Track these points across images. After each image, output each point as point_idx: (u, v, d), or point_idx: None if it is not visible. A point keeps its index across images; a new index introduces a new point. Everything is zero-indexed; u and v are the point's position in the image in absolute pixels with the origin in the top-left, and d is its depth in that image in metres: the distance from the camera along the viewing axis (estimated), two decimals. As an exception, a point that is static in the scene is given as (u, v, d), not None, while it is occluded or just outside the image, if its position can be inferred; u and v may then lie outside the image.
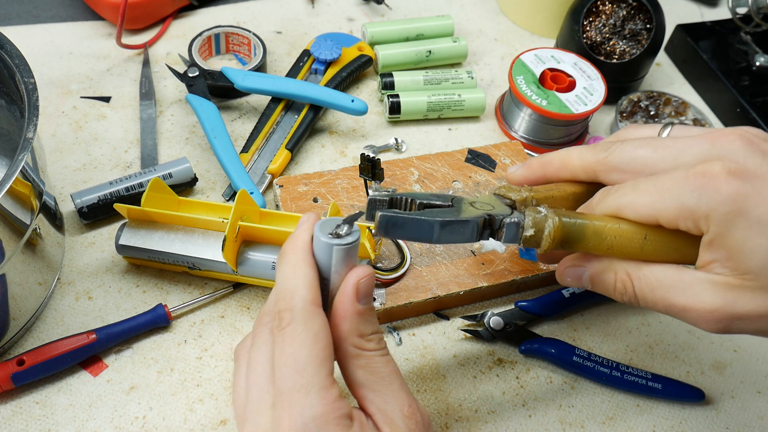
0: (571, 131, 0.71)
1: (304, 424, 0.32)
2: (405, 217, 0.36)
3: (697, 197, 0.35)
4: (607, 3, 0.74)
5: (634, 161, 0.40)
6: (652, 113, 0.74)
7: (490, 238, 0.39)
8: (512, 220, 0.38)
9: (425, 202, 0.39)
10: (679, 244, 0.38)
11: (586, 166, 0.42)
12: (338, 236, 0.36)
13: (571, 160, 0.43)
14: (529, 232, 0.38)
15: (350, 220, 0.36)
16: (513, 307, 0.57)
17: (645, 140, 0.40)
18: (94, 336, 0.51)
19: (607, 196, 0.40)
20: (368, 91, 0.75)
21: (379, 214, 0.36)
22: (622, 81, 0.75)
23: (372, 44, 0.76)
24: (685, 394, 0.54)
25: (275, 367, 0.34)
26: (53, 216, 0.54)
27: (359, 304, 0.37)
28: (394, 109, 0.70)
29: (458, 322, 0.57)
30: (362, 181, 0.60)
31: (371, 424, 0.35)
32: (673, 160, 0.38)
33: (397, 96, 0.70)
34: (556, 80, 0.70)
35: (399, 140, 0.70)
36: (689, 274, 0.37)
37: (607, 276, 0.40)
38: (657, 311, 0.39)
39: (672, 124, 0.43)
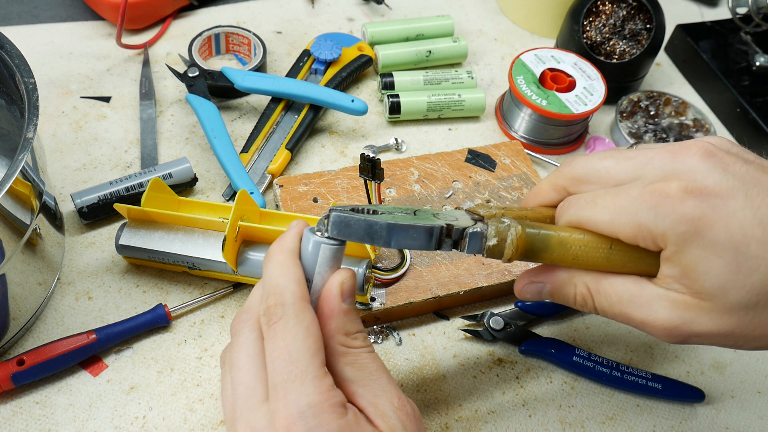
0: (571, 131, 0.71)
1: (300, 412, 0.33)
2: (356, 218, 0.37)
3: (654, 216, 0.35)
4: (607, 3, 0.74)
5: (598, 172, 0.40)
6: (652, 113, 0.74)
7: (454, 249, 0.39)
8: (474, 230, 0.38)
9: (387, 212, 0.39)
10: (644, 254, 0.38)
11: (555, 184, 0.42)
12: (326, 237, 0.38)
13: (542, 185, 0.43)
14: (492, 242, 0.38)
15: (329, 213, 0.37)
16: (513, 307, 0.57)
17: (609, 152, 0.40)
18: (94, 336, 0.51)
19: (568, 208, 0.40)
20: (368, 91, 0.75)
21: (332, 213, 0.37)
22: (622, 81, 0.75)
23: (372, 44, 0.76)
24: (685, 394, 0.54)
25: (267, 361, 0.35)
26: (53, 216, 0.54)
27: (344, 304, 0.38)
28: (394, 109, 0.70)
29: (458, 322, 0.57)
30: (362, 181, 0.60)
31: (363, 417, 0.36)
32: (634, 172, 0.38)
33: (397, 96, 0.70)
34: (556, 80, 0.70)
35: (399, 140, 0.70)
36: (648, 289, 0.37)
37: (567, 290, 0.41)
38: (617, 322, 0.40)
39: (637, 143, 0.43)
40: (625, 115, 0.74)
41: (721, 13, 0.90)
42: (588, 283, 0.39)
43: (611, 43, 0.74)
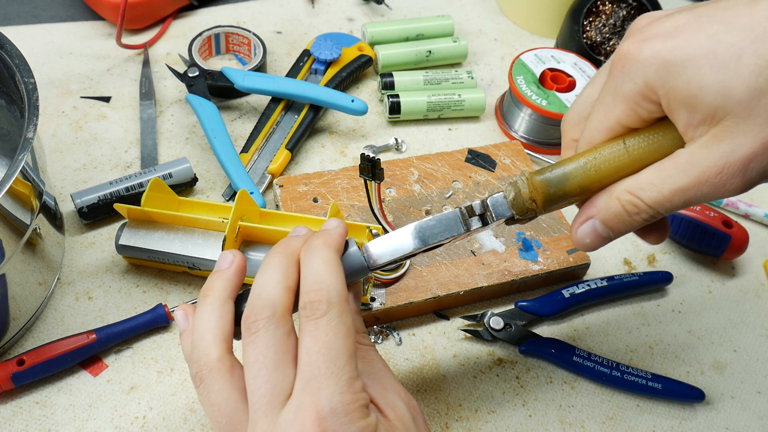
0: (571, 131, 0.70)
1: (332, 409, 0.33)
2: (384, 238, 0.39)
3: (629, 79, 0.35)
4: (607, 3, 0.74)
5: (585, 102, 0.41)
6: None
7: (484, 225, 0.39)
8: (495, 195, 0.39)
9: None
10: (661, 129, 0.36)
11: (568, 142, 0.42)
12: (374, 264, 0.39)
13: (563, 150, 0.44)
14: (511, 195, 0.39)
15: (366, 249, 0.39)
16: (513, 307, 0.57)
17: (589, 83, 0.42)
18: (94, 336, 0.51)
19: (580, 147, 0.40)
20: (368, 91, 0.75)
21: (368, 247, 0.39)
22: (622, 81, 0.75)
23: (372, 44, 0.76)
24: (685, 394, 0.54)
25: (303, 353, 0.34)
26: (53, 216, 0.54)
27: (354, 304, 0.40)
28: (394, 109, 0.70)
29: (458, 322, 0.57)
30: (362, 181, 0.60)
31: (382, 417, 0.36)
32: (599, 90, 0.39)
33: (397, 96, 0.70)
34: (556, 80, 0.70)
35: (399, 140, 0.70)
36: (682, 154, 0.35)
37: (613, 208, 0.38)
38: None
39: None
40: (625, 115, 0.74)
41: (721, 13, 0.90)
42: (627, 187, 0.37)
43: (611, 43, 0.74)
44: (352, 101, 0.67)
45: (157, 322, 0.53)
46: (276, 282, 0.36)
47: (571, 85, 0.69)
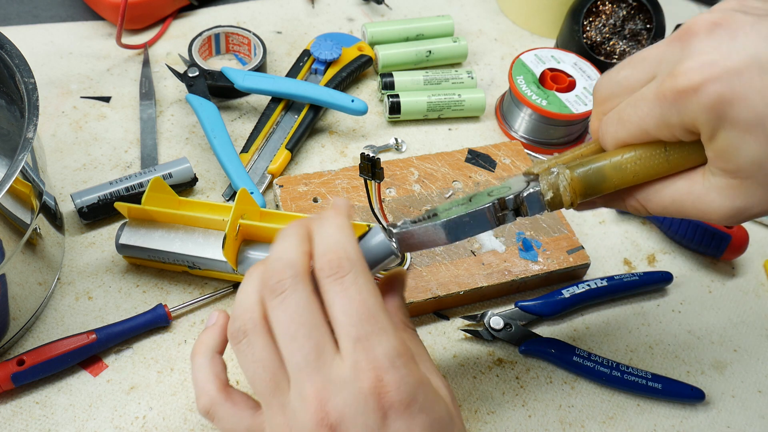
0: (572, 131, 0.70)
1: (391, 360, 0.33)
2: (413, 230, 0.38)
3: (677, 113, 0.34)
4: (607, 3, 0.74)
5: (619, 84, 0.38)
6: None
7: (518, 217, 0.39)
8: (529, 192, 0.38)
9: (444, 210, 0.40)
10: (698, 143, 0.37)
11: (596, 113, 0.41)
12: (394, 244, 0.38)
13: (591, 119, 0.42)
14: (548, 196, 0.38)
15: (391, 232, 0.39)
16: (513, 307, 0.57)
17: (627, 60, 0.39)
18: (94, 336, 0.51)
19: (604, 133, 0.39)
20: (368, 91, 0.75)
21: (395, 231, 0.39)
22: (622, 81, 0.75)
23: (372, 44, 0.76)
24: (685, 394, 0.54)
25: (338, 313, 0.33)
26: (53, 216, 0.54)
27: (401, 290, 0.42)
28: (394, 109, 0.70)
29: (458, 322, 0.57)
30: (362, 180, 0.60)
31: None
32: (651, 72, 0.37)
33: (397, 96, 0.70)
34: (556, 80, 0.70)
35: (399, 140, 0.70)
36: (697, 185, 0.37)
37: (618, 205, 0.41)
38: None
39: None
40: (625, 115, 0.74)
41: (721, 13, 0.90)
42: (638, 198, 0.39)
43: (611, 43, 0.74)
44: (352, 101, 0.67)
45: (157, 322, 0.53)
46: (294, 246, 0.36)
47: (571, 85, 0.69)
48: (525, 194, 0.39)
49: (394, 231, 0.39)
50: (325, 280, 0.34)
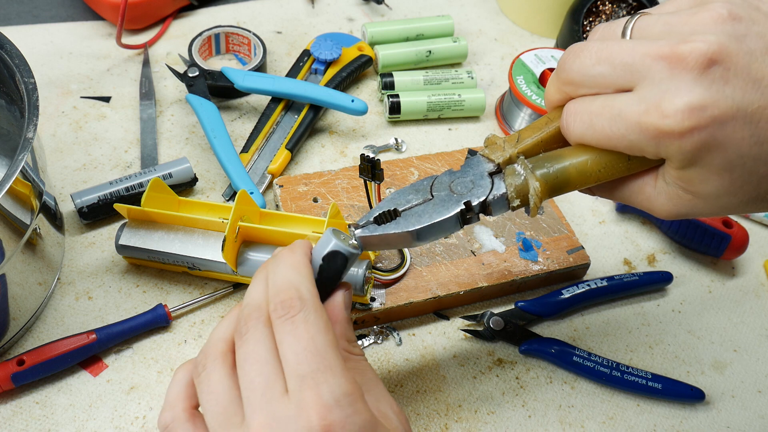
0: (571, 131, 0.70)
1: (336, 400, 0.33)
2: (380, 235, 0.40)
3: (655, 146, 0.35)
4: (607, 3, 0.74)
5: (594, 79, 0.37)
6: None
7: (482, 214, 0.40)
8: (494, 197, 0.39)
9: (403, 208, 0.41)
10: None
11: (558, 89, 0.40)
12: (350, 245, 0.39)
13: (549, 88, 0.41)
14: (515, 203, 0.39)
15: (353, 231, 0.40)
16: (513, 307, 0.57)
17: (605, 53, 0.36)
18: (94, 336, 0.51)
19: (572, 125, 0.38)
20: (368, 91, 0.75)
21: (357, 236, 0.40)
22: (622, 81, 0.75)
23: (372, 44, 0.76)
24: (685, 394, 0.54)
25: (288, 353, 0.34)
26: (53, 216, 0.54)
27: (345, 312, 0.40)
28: (394, 109, 0.70)
29: (458, 322, 0.57)
30: (362, 181, 0.60)
31: None
32: (631, 79, 0.35)
33: (397, 96, 0.70)
34: (556, 80, 0.70)
35: (399, 140, 0.70)
36: (649, 187, 0.38)
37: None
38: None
39: (641, 13, 0.38)
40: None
41: (721, 13, 0.90)
42: (591, 188, 0.41)
43: (611, 43, 0.74)
44: (352, 101, 0.67)
45: (157, 322, 0.53)
46: (259, 290, 0.38)
47: (571, 85, 0.69)
48: (491, 199, 0.40)
49: (357, 232, 0.40)
50: (276, 321, 0.36)
